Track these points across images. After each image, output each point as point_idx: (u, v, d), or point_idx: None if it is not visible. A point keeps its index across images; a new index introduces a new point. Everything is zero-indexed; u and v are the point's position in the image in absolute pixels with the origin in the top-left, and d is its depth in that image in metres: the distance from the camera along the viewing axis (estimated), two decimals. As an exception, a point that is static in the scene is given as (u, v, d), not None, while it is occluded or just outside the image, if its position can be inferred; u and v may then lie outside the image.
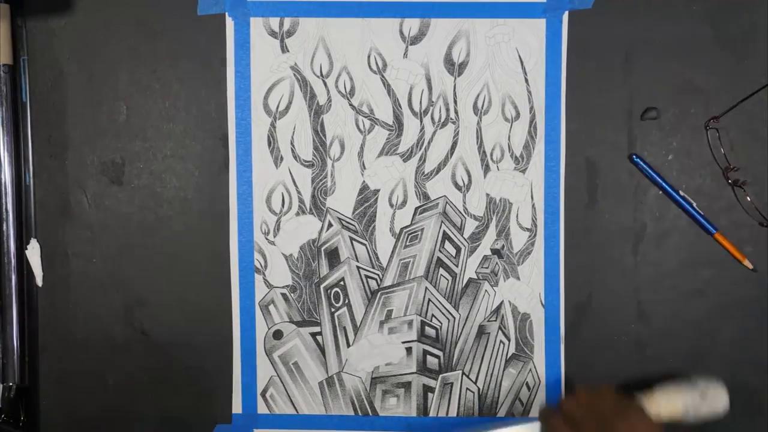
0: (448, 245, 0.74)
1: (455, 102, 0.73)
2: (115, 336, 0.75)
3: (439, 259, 0.74)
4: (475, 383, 0.74)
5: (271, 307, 0.75)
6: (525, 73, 0.73)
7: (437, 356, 0.74)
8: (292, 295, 0.74)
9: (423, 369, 0.74)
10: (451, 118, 0.73)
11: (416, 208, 0.74)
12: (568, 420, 0.64)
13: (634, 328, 0.73)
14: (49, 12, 0.74)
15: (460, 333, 0.74)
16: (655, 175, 0.65)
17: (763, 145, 0.72)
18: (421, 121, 0.73)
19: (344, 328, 0.74)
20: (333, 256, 0.74)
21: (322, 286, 0.74)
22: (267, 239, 0.74)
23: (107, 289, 0.75)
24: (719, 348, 0.73)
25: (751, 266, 0.72)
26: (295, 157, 0.74)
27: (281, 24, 0.73)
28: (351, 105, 0.74)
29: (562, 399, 0.69)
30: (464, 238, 0.74)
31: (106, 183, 0.75)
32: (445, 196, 0.74)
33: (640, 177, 0.73)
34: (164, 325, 0.75)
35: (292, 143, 0.74)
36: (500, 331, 0.74)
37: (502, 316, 0.74)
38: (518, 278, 0.74)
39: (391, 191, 0.74)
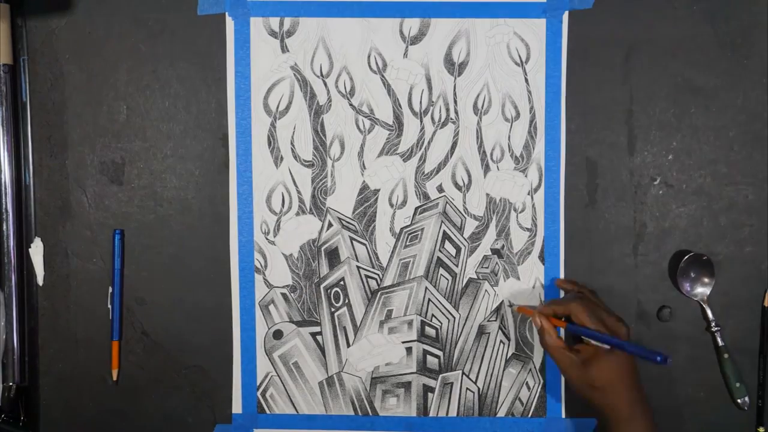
0: (448, 245, 0.74)
1: (455, 102, 0.73)
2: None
3: (439, 259, 0.74)
4: (475, 383, 0.74)
5: (271, 307, 0.75)
6: (525, 73, 0.73)
7: (437, 356, 0.74)
8: (292, 294, 0.74)
9: (423, 369, 0.74)
10: (451, 118, 0.73)
11: (416, 208, 0.74)
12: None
13: (634, 328, 0.73)
14: (49, 12, 0.74)
15: (460, 333, 0.74)
16: (591, 332, 0.65)
17: (763, 145, 0.72)
18: (421, 121, 0.73)
19: (344, 328, 0.74)
20: (333, 256, 0.74)
21: (322, 286, 0.74)
22: (267, 239, 0.74)
23: (107, 289, 0.75)
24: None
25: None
26: (295, 157, 0.74)
27: (281, 24, 0.73)
28: (351, 105, 0.74)
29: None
30: (464, 238, 0.74)
31: (106, 183, 0.75)
32: (445, 196, 0.74)
33: (640, 177, 0.73)
34: (164, 325, 0.75)
35: (292, 143, 0.74)
36: (500, 331, 0.74)
37: (502, 316, 0.74)
38: (518, 278, 0.74)
39: (391, 191, 0.74)
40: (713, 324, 0.72)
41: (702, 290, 0.72)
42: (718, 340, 0.72)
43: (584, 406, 0.73)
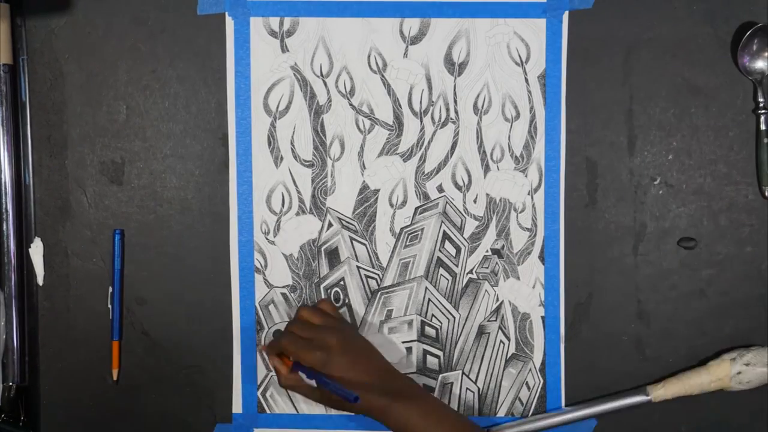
0: (448, 245, 0.74)
1: (455, 102, 0.73)
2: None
3: (439, 258, 0.74)
4: (475, 383, 0.74)
5: (271, 307, 0.75)
6: (525, 73, 0.73)
7: (437, 356, 0.74)
8: (292, 294, 0.74)
9: (423, 369, 0.74)
10: (451, 118, 0.73)
11: (416, 208, 0.74)
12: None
13: (634, 328, 0.73)
14: (48, 12, 0.74)
15: (460, 333, 0.74)
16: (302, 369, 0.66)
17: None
18: (421, 121, 0.73)
19: (344, 327, 0.74)
20: (333, 256, 0.74)
21: (322, 286, 0.74)
22: (267, 239, 0.74)
23: (107, 289, 0.75)
24: (719, 348, 0.73)
25: None
26: (295, 157, 0.74)
27: (281, 24, 0.73)
28: (351, 105, 0.74)
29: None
30: (464, 238, 0.74)
31: (106, 183, 0.75)
32: (445, 196, 0.74)
33: (640, 177, 0.73)
34: (164, 325, 0.75)
35: (292, 143, 0.74)
36: (500, 331, 0.74)
37: (502, 316, 0.74)
38: (518, 278, 0.74)
39: (391, 191, 0.74)
40: (761, 105, 0.71)
41: (761, 66, 0.71)
42: (762, 123, 0.72)
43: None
